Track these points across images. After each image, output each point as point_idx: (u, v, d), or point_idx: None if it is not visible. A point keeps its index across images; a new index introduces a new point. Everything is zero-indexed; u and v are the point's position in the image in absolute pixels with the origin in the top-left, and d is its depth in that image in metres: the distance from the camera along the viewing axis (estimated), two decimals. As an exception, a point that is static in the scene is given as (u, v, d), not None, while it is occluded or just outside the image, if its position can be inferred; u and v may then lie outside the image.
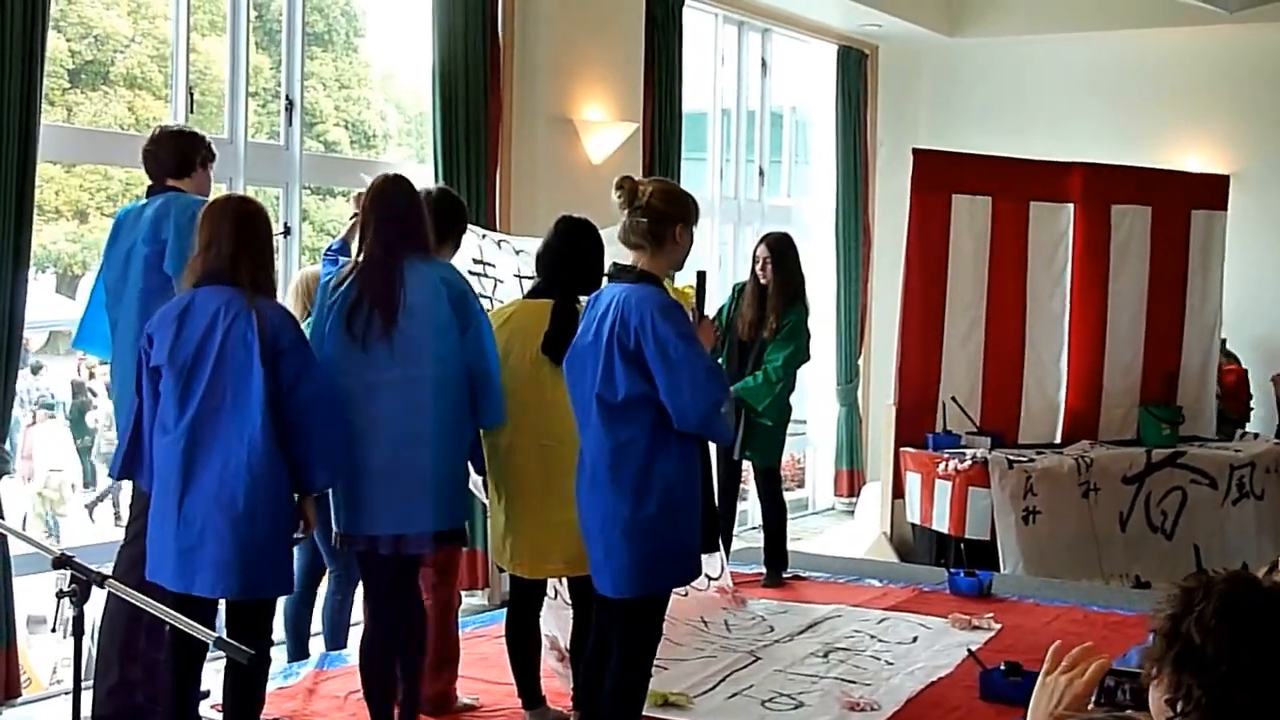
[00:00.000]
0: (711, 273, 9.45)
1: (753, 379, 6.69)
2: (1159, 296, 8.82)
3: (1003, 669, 5.17)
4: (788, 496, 7.47)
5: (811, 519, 10.27)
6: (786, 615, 6.40)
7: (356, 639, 4.66)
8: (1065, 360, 8.67)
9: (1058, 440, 8.54)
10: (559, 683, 4.99)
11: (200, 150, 4.63)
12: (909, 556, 8.10)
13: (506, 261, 5.44)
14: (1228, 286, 9.07)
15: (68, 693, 2.96)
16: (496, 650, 5.19)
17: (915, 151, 8.28)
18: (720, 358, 6.82)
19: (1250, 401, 9.70)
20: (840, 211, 10.35)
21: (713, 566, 6.34)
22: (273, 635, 4.29)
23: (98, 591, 2.89)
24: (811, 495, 10.81)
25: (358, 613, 5.13)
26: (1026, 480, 7.64)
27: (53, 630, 7.92)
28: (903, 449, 8.13)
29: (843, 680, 5.41)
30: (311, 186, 7.31)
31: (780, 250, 6.82)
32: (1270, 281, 9.84)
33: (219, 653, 3.03)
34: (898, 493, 8.21)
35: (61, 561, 2.87)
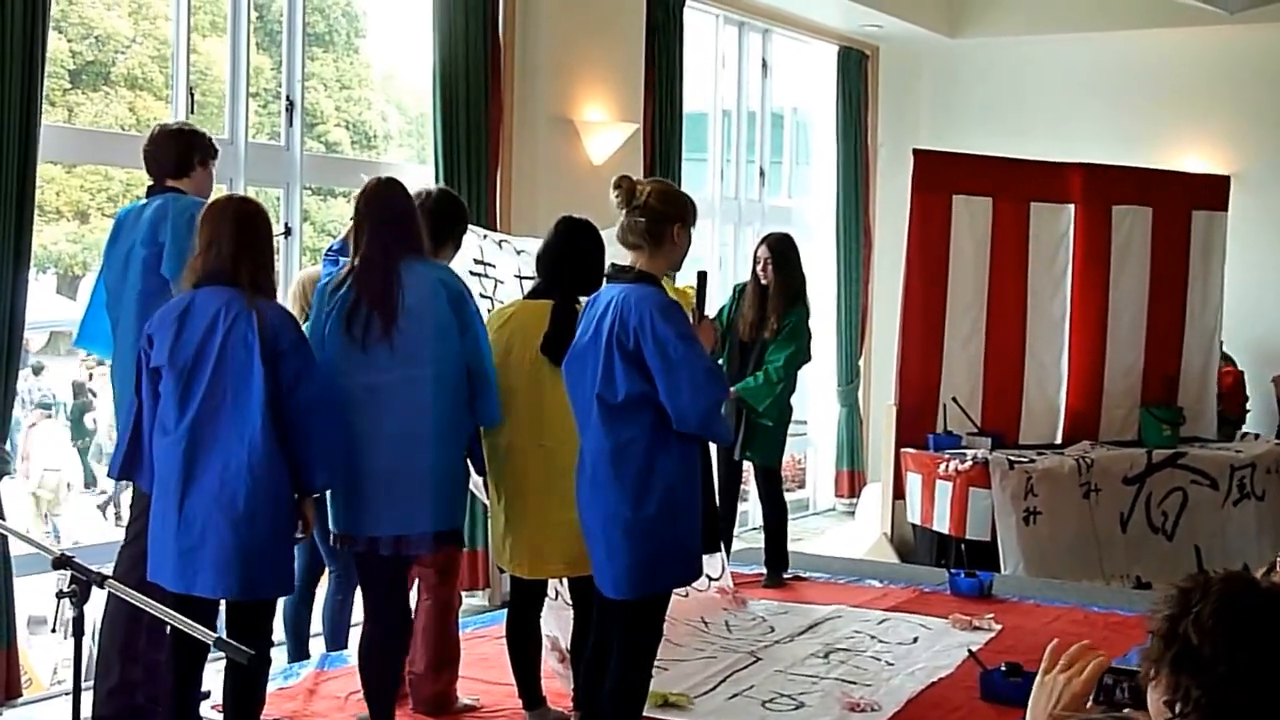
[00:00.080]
0: (712, 273, 9.45)
1: (754, 379, 6.70)
2: (1160, 297, 8.81)
3: (1003, 669, 5.17)
4: (788, 497, 7.46)
5: (812, 520, 10.27)
6: (787, 616, 6.40)
7: (356, 639, 4.67)
8: (1066, 361, 8.66)
9: (1058, 441, 8.54)
10: (559, 683, 4.99)
11: (198, 149, 4.60)
12: (909, 557, 8.10)
13: (507, 262, 5.44)
14: (1228, 287, 9.07)
15: (68, 693, 2.95)
16: (497, 651, 5.19)
17: (916, 152, 8.27)
18: (721, 358, 6.83)
19: (1246, 404, 9.69)
20: (841, 212, 10.34)
21: (714, 567, 6.34)
22: (273, 636, 4.29)
23: (98, 592, 2.89)
24: (812, 496, 10.81)
25: (358, 613, 5.12)
26: (1027, 481, 7.64)
27: (52, 630, 7.93)
28: (903, 450, 8.13)
29: (843, 681, 5.41)
30: (312, 187, 7.31)
31: (781, 251, 6.83)
32: (1271, 282, 9.83)
33: (219, 653, 3.04)
34: (898, 493, 8.21)
35: (62, 562, 2.88)
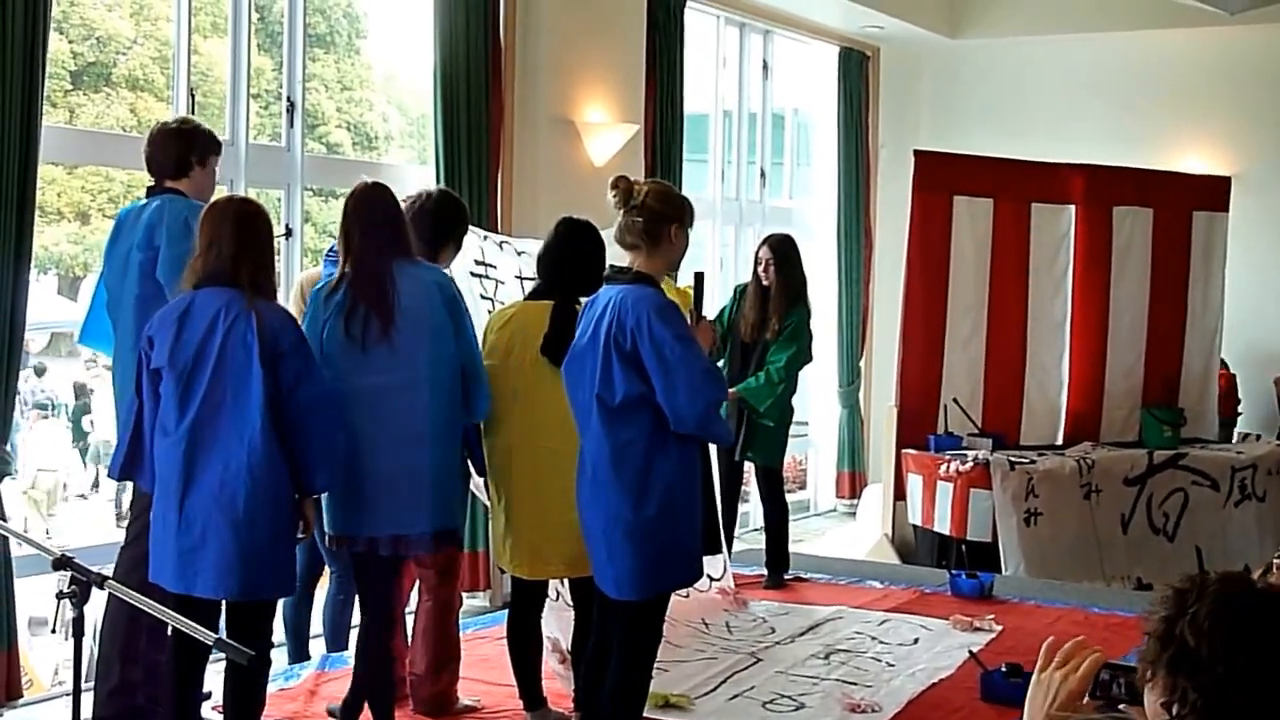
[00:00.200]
0: (713, 274, 9.46)
1: (755, 380, 6.70)
2: (1160, 298, 8.81)
3: (1004, 670, 5.17)
4: (789, 498, 7.46)
5: (813, 520, 10.26)
6: (788, 617, 6.40)
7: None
8: (1067, 362, 8.66)
9: (1059, 442, 8.53)
10: (560, 684, 4.99)
11: (197, 149, 4.55)
12: (910, 558, 8.09)
13: (508, 263, 5.44)
14: (1229, 288, 9.07)
15: (69, 694, 2.95)
16: (498, 651, 5.19)
17: (916, 153, 8.27)
18: (723, 359, 6.84)
19: (1239, 405, 9.70)
20: (842, 213, 10.34)
21: (715, 567, 6.34)
22: (273, 637, 4.28)
23: (98, 593, 2.89)
24: (813, 497, 10.80)
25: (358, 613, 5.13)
26: (1028, 482, 7.63)
27: (52, 631, 7.94)
28: (904, 451, 8.12)
29: (844, 682, 5.41)
30: (313, 188, 7.31)
31: (782, 252, 6.83)
32: (1272, 283, 9.82)
33: (220, 654, 3.04)
34: (899, 494, 8.20)
35: (62, 563, 2.88)
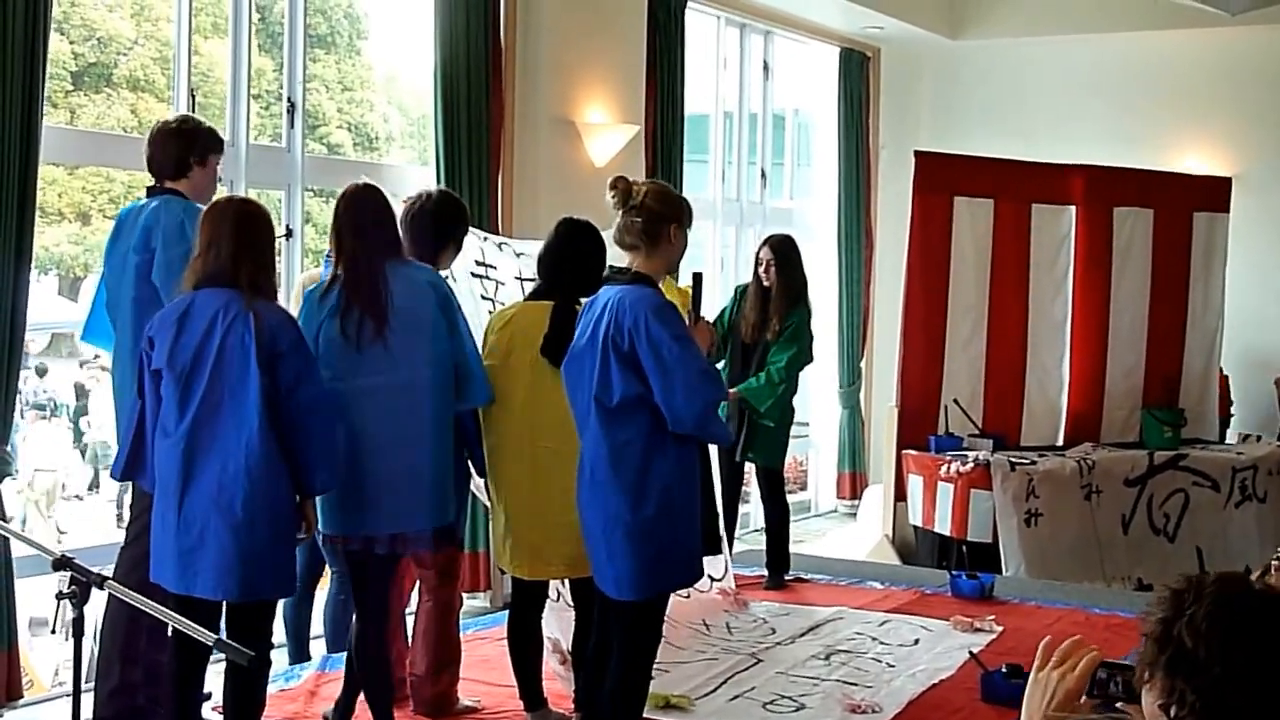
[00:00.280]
0: (713, 275, 9.46)
1: (755, 380, 6.70)
2: (1161, 299, 8.81)
3: (1004, 671, 5.17)
4: (790, 499, 7.46)
5: (813, 521, 10.26)
6: (788, 617, 6.39)
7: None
8: (1067, 362, 8.66)
9: (1060, 443, 8.54)
10: (561, 685, 4.99)
11: (196, 149, 4.52)
12: (911, 559, 8.10)
13: (508, 264, 5.44)
14: (1229, 289, 9.07)
15: (69, 694, 2.95)
16: (498, 652, 5.19)
17: (917, 154, 8.27)
18: (724, 360, 6.84)
19: (1231, 407, 9.71)
20: (842, 214, 10.34)
21: (716, 568, 6.34)
22: (273, 637, 4.28)
23: (98, 593, 2.89)
24: (814, 497, 10.80)
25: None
26: (1028, 483, 7.63)
27: (52, 632, 7.94)
28: (905, 451, 8.13)
29: (844, 682, 5.41)
30: (314, 189, 7.30)
31: (783, 252, 6.83)
32: (1273, 284, 9.82)
33: (221, 655, 3.04)
34: (900, 495, 8.21)
35: (62, 563, 2.88)
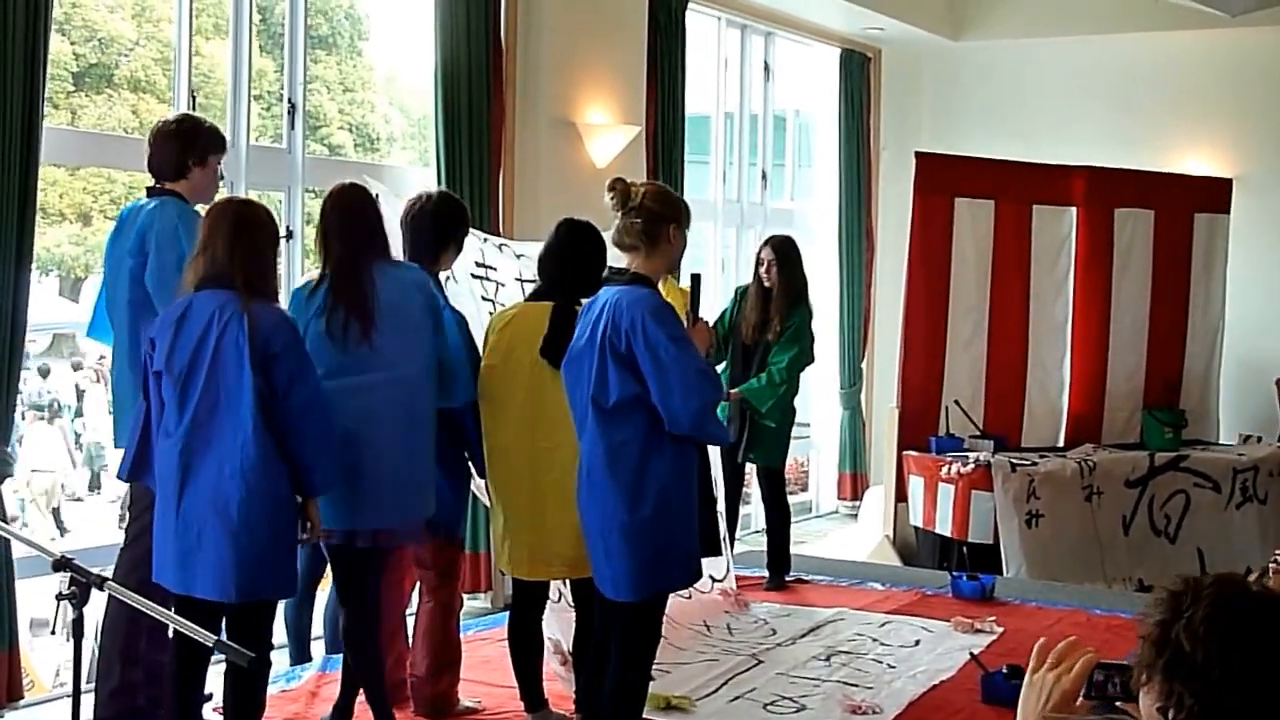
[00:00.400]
0: (714, 276, 9.46)
1: (756, 381, 6.70)
2: (1162, 300, 8.82)
3: (1005, 672, 5.17)
4: (791, 500, 7.46)
5: (814, 522, 10.26)
6: (789, 618, 6.40)
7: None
8: (1068, 363, 8.67)
9: (1061, 444, 8.54)
10: (561, 686, 4.99)
11: (194, 150, 4.52)
12: (912, 560, 8.10)
13: (508, 265, 5.45)
14: (1230, 290, 9.07)
15: (70, 695, 2.95)
16: (499, 653, 5.20)
17: (918, 155, 8.27)
18: (725, 361, 6.84)
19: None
20: (843, 215, 10.33)
21: (718, 568, 6.34)
22: (273, 638, 4.28)
23: (99, 594, 2.89)
24: (815, 498, 10.80)
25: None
26: (1029, 484, 7.64)
27: (52, 633, 7.95)
28: (906, 452, 8.13)
29: (845, 683, 5.41)
30: (314, 190, 7.30)
31: (784, 252, 6.83)
32: (1273, 284, 9.81)
33: (222, 655, 3.04)
34: (901, 496, 8.21)
35: (61, 564, 2.88)
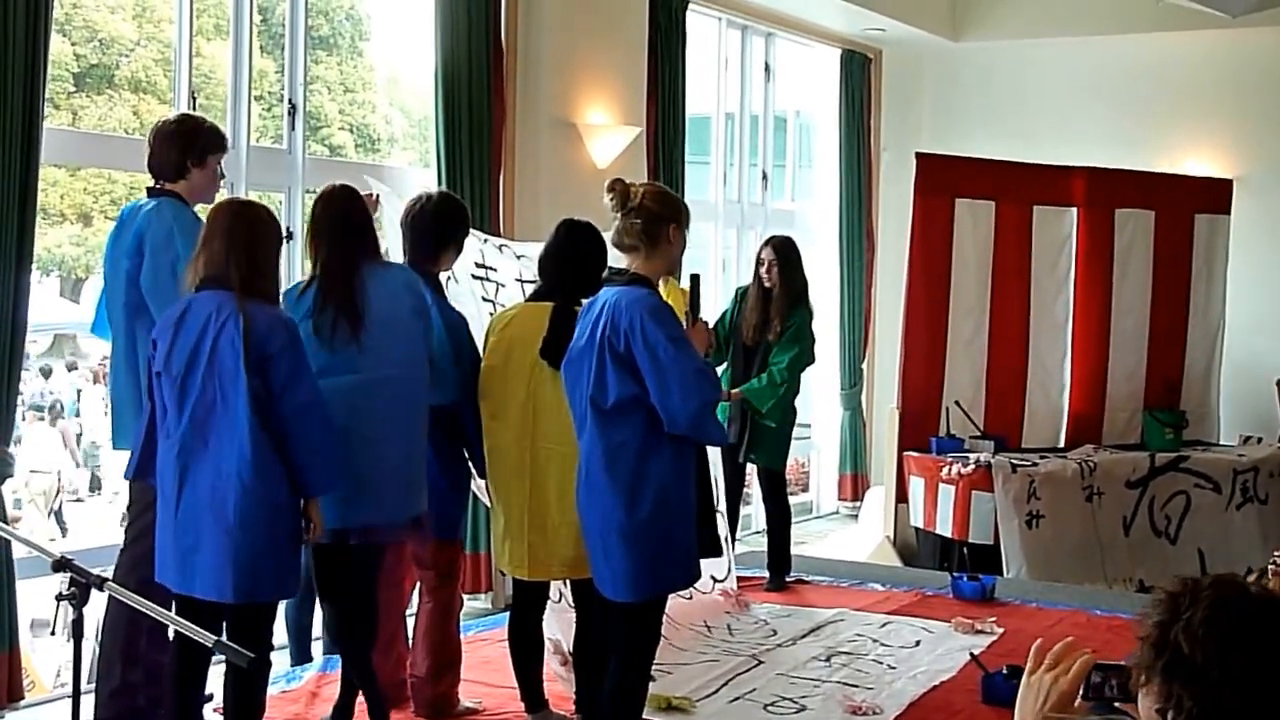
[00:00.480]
0: (715, 277, 9.46)
1: (757, 381, 6.71)
2: (1162, 301, 8.82)
3: (1005, 673, 5.16)
4: (791, 500, 7.46)
5: (815, 523, 10.25)
6: (789, 619, 6.40)
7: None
8: (1069, 364, 8.67)
9: (1061, 444, 8.55)
10: (562, 686, 4.99)
11: (192, 151, 4.51)
12: (912, 560, 8.10)
13: (508, 266, 5.45)
14: (1230, 290, 9.06)
15: (70, 695, 2.95)
16: (499, 654, 5.20)
17: (918, 155, 8.27)
18: (725, 362, 6.84)
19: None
20: (844, 215, 10.33)
21: (719, 569, 6.35)
22: (274, 639, 4.28)
23: (99, 594, 2.89)
24: (815, 499, 10.79)
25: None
26: (1030, 484, 7.64)
27: (53, 633, 7.95)
28: (906, 453, 8.13)
29: (845, 684, 5.41)
30: (315, 190, 7.30)
31: (784, 253, 6.84)
32: (1274, 285, 9.81)
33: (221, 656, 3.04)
34: (901, 497, 8.21)
35: (61, 564, 2.88)
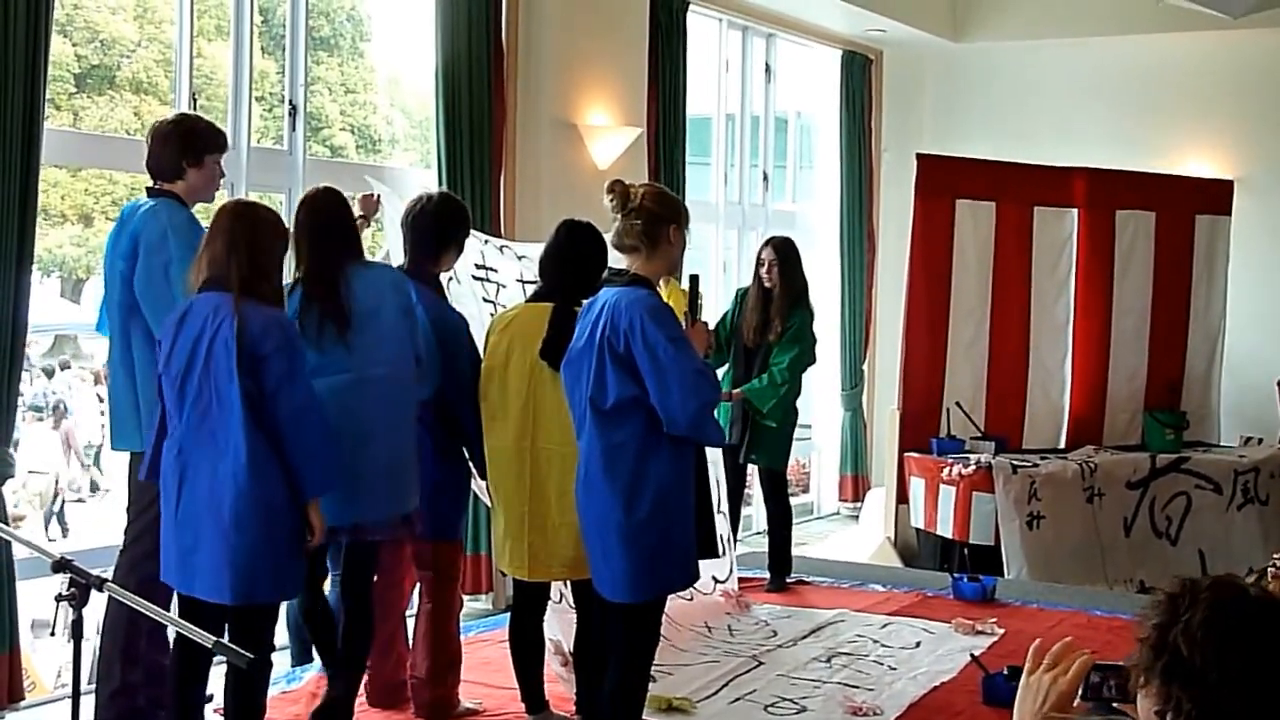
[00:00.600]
0: (716, 278, 9.46)
1: (758, 381, 6.71)
2: (1163, 302, 8.82)
3: (1005, 674, 5.16)
4: (792, 501, 7.46)
5: (816, 524, 10.25)
6: (790, 620, 6.40)
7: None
8: (1069, 365, 8.67)
9: (1062, 445, 8.55)
10: (562, 687, 4.99)
11: (189, 151, 4.51)
12: (913, 561, 8.10)
13: (509, 267, 5.45)
14: (1231, 291, 9.06)
15: (70, 696, 2.95)
16: (500, 654, 5.20)
17: (919, 156, 8.27)
18: (727, 363, 6.84)
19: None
20: (844, 216, 10.33)
21: (720, 569, 6.35)
22: (274, 640, 4.27)
23: (99, 595, 2.89)
24: (816, 500, 10.79)
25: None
26: (1031, 485, 7.64)
27: (53, 634, 7.94)
28: (907, 454, 8.13)
29: (846, 685, 5.41)
30: (316, 191, 7.29)
31: (784, 253, 6.84)
32: (1275, 286, 9.80)
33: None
34: (902, 498, 8.22)
35: (61, 565, 2.88)
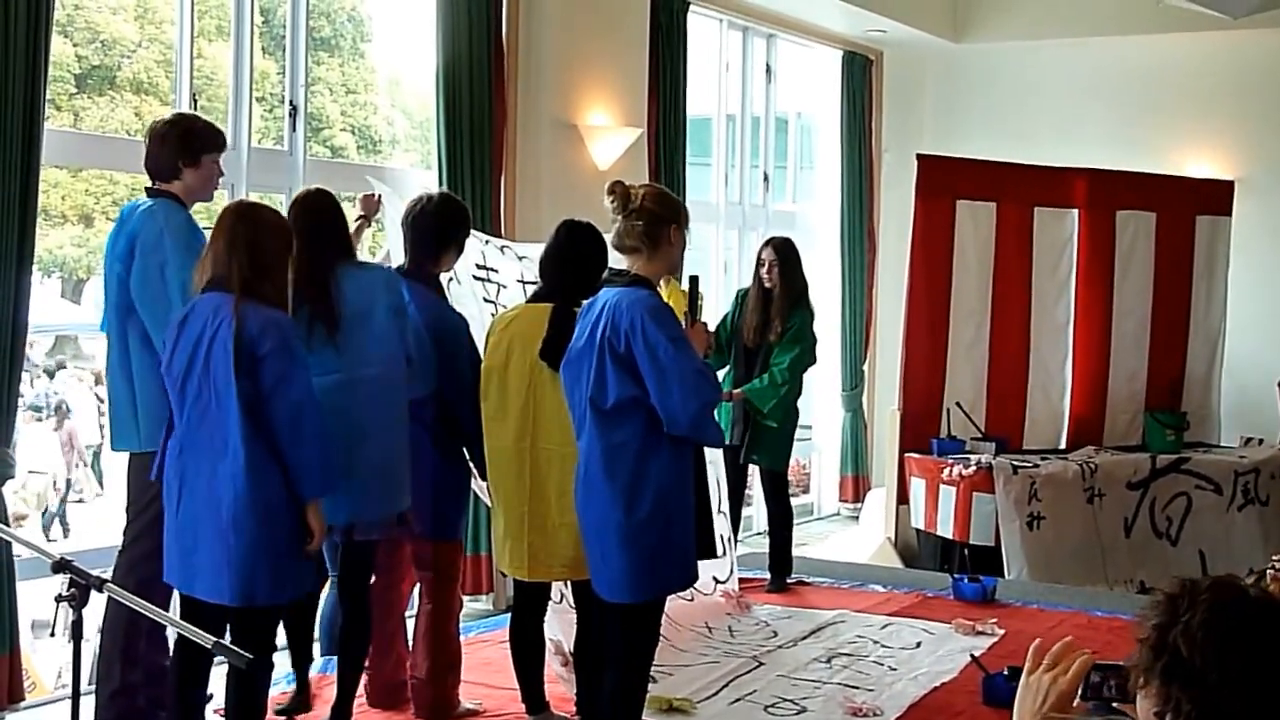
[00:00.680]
0: (716, 278, 9.46)
1: (759, 381, 6.71)
2: (1164, 302, 8.82)
3: (1006, 674, 5.17)
4: (792, 501, 7.46)
5: (816, 524, 10.25)
6: (790, 620, 6.40)
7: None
8: (1070, 366, 8.67)
9: (1063, 446, 8.54)
10: (563, 687, 4.99)
11: (186, 151, 4.50)
12: (913, 562, 8.10)
13: (509, 267, 5.45)
14: (1231, 291, 9.06)
15: (70, 697, 2.96)
16: (500, 655, 5.20)
17: (919, 157, 8.27)
18: (728, 365, 6.84)
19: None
20: (845, 217, 10.33)
21: (721, 570, 6.35)
22: (276, 641, 4.27)
23: (99, 596, 2.89)
24: (816, 500, 10.79)
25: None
26: (1031, 486, 7.64)
27: (53, 635, 7.94)
28: (907, 454, 8.13)
29: (846, 685, 5.41)
30: (317, 192, 7.29)
31: (785, 253, 6.85)
32: (1275, 286, 9.80)
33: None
34: (902, 498, 8.22)
35: (61, 565, 2.88)
